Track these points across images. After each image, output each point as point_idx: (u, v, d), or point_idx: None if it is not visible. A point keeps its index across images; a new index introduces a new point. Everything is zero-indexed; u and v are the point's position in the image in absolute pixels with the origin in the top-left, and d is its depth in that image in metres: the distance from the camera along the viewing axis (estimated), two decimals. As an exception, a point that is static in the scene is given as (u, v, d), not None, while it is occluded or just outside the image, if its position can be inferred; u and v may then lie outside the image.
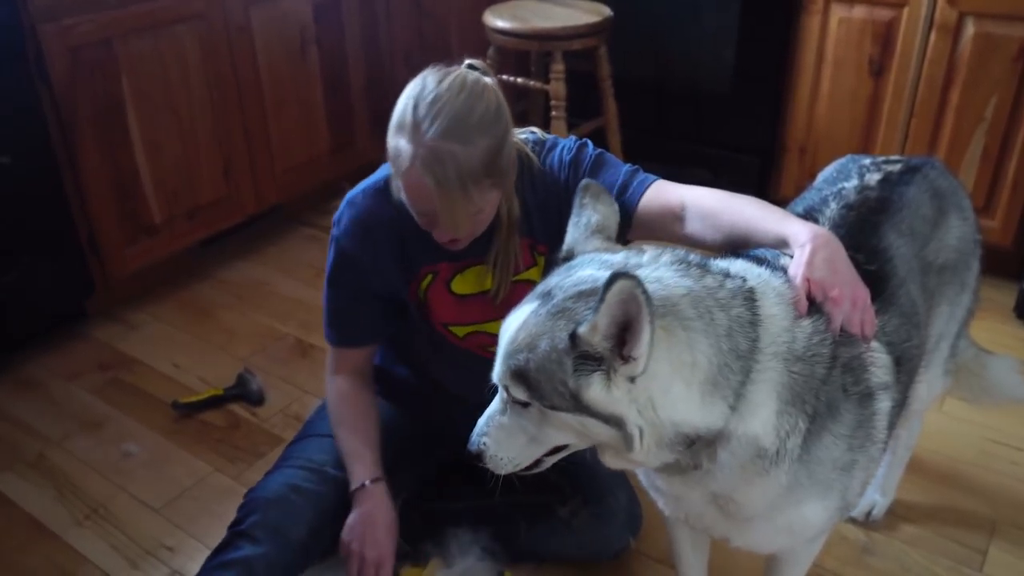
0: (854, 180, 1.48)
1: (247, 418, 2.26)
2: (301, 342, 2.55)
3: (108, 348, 2.54)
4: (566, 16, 2.75)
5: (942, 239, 1.47)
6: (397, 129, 1.36)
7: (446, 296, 1.59)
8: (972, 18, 2.47)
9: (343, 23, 3.06)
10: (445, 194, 1.33)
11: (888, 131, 2.71)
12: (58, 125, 2.35)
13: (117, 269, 2.59)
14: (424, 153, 1.31)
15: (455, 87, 1.34)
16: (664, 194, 1.48)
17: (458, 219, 1.37)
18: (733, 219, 1.38)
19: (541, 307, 1.08)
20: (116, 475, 2.07)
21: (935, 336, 1.53)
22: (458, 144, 1.31)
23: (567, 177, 1.54)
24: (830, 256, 1.22)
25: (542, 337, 1.05)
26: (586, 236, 1.22)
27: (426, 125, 1.31)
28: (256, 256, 3.02)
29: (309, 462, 1.63)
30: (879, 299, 1.26)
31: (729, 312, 1.09)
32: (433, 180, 1.32)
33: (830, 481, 1.18)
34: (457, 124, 1.32)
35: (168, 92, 2.57)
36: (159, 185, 2.63)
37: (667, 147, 3.13)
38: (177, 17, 2.54)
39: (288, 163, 3.01)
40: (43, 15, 2.23)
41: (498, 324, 1.58)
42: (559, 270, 1.15)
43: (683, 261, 1.14)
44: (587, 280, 1.08)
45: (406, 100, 1.36)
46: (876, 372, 1.21)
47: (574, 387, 1.03)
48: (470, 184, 1.34)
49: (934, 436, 2.08)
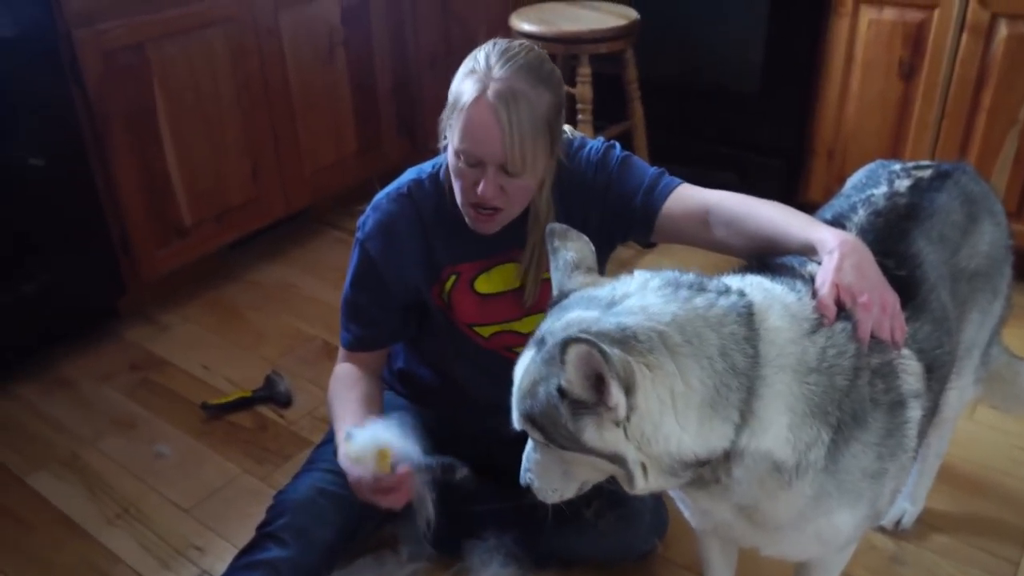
0: (883, 186, 1.47)
1: (275, 420, 2.28)
2: (328, 344, 2.57)
3: (139, 349, 2.58)
4: (593, 19, 2.74)
5: (974, 245, 1.45)
6: (466, 74, 1.36)
7: (470, 296, 1.60)
8: (1005, 19, 2.44)
9: (371, 26, 3.08)
10: (515, 129, 1.32)
11: (918, 134, 2.68)
12: (91, 128, 2.38)
13: (148, 270, 2.63)
14: (497, 87, 1.32)
15: (523, 46, 1.38)
16: (689, 198, 1.48)
17: (524, 159, 1.35)
18: (759, 225, 1.37)
19: (537, 354, 1.10)
20: (147, 475, 2.10)
21: (966, 343, 1.51)
22: (529, 86, 1.33)
23: (594, 176, 1.56)
24: (858, 262, 1.21)
25: (539, 384, 1.07)
26: (568, 275, 1.22)
27: (498, 66, 1.34)
28: (284, 258, 3.05)
29: (335, 465, 1.64)
30: (909, 305, 1.25)
31: (720, 331, 1.07)
32: (505, 112, 1.32)
33: (860, 490, 1.17)
34: (529, 69, 1.35)
35: (198, 95, 2.60)
36: (189, 187, 2.66)
37: (694, 150, 3.11)
38: (208, 21, 2.56)
39: (316, 165, 3.04)
40: (78, 20, 2.26)
41: (526, 322, 1.60)
42: (552, 313, 1.16)
43: (673, 284, 1.12)
44: (573, 323, 1.09)
45: (474, 56, 1.38)
46: (907, 379, 1.20)
47: (573, 430, 1.04)
48: (538, 128, 1.35)
49: (965, 444, 2.06)
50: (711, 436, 1.06)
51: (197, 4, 2.52)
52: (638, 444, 1.04)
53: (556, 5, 2.93)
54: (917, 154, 2.68)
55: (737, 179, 3.02)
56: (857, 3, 2.64)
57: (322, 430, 2.11)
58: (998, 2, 2.42)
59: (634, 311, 1.07)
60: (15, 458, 2.16)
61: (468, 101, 1.33)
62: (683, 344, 1.05)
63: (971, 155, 2.61)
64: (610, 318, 1.06)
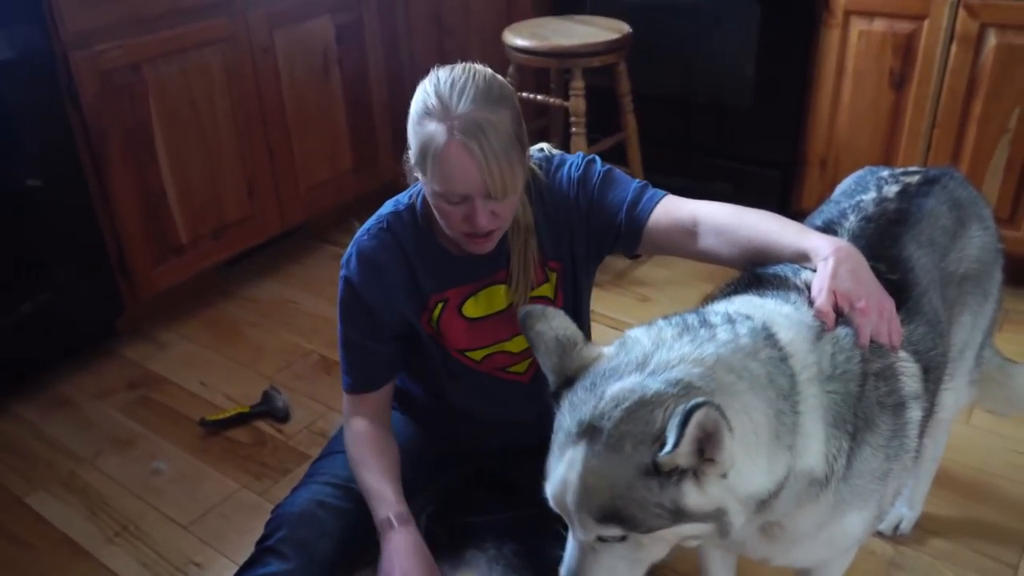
0: (872, 192, 1.49)
1: (273, 435, 2.28)
2: (326, 359, 2.57)
3: (137, 367, 2.58)
4: (585, 33, 2.76)
5: (963, 249, 1.47)
6: (422, 117, 1.36)
7: (459, 322, 1.60)
8: (994, 29, 2.46)
9: (365, 43, 3.10)
10: (490, 159, 1.32)
11: (910, 143, 2.70)
12: (88, 148, 2.40)
13: (145, 288, 2.63)
14: (461, 124, 1.32)
15: (466, 71, 1.38)
16: (675, 209, 1.48)
17: (505, 184, 1.35)
18: (750, 234, 1.38)
19: (594, 444, 1.00)
20: (146, 492, 2.10)
21: (959, 346, 1.53)
22: (490, 112, 1.33)
23: (576, 194, 1.55)
24: (853, 268, 1.22)
25: (616, 472, 0.98)
26: (563, 355, 1.13)
27: (455, 102, 1.33)
28: (280, 274, 3.06)
29: (335, 478, 1.65)
30: (903, 308, 1.26)
31: (759, 358, 1.07)
32: (477, 146, 1.32)
33: (869, 492, 1.18)
34: (484, 94, 1.34)
35: (194, 114, 2.62)
36: (186, 205, 2.67)
37: (688, 161, 3.13)
38: (203, 41, 2.58)
39: (311, 182, 3.05)
40: (75, 42, 2.28)
41: (516, 341, 1.61)
42: (576, 399, 1.06)
43: (686, 328, 1.11)
44: (627, 395, 1.01)
45: (424, 93, 1.38)
46: (907, 381, 1.21)
47: (670, 503, 0.98)
48: (510, 149, 1.35)
49: (962, 448, 2.07)
50: (777, 466, 1.05)
51: (192, 24, 2.54)
52: (735, 493, 1.01)
53: (549, 20, 2.95)
54: (909, 162, 2.70)
55: (732, 190, 3.04)
56: (847, 14, 2.67)
57: (320, 444, 2.11)
58: (987, 12, 2.44)
59: (674, 364, 1.04)
60: (14, 478, 2.16)
61: (439, 146, 1.33)
62: (737, 381, 1.04)
63: (962, 163, 2.63)
64: (657, 378, 1.02)
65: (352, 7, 3.02)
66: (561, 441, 1.05)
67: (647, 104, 2.97)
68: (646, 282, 2.88)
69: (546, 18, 3.00)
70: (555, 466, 1.04)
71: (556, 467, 1.04)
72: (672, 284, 2.83)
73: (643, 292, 2.83)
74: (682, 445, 0.94)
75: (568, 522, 1.07)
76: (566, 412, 1.06)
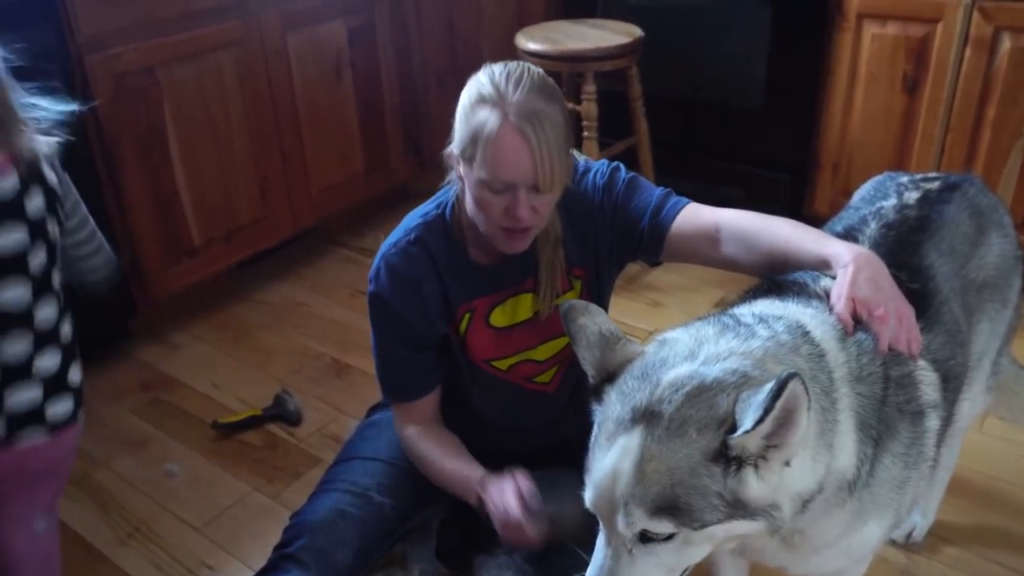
0: (892, 199, 1.48)
1: (284, 438, 2.29)
2: (337, 362, 2.58)
3: (150, 368, 2.59)
4: (597, 37, 2.76)
5: (983, 257, 1.46)
6: (475, 103, 1.36)
7: (486, 331, 1.60)
8: (1008, 33, 2.45)
9: (377, 46, 3.11)
10: (543, 147, 1.33)
11: (923, 147, 2.69)
12: (101, 149, 2.41)
13: (158, 290, 2.64)
14: (516, 110, 1.32)
15: (520, 66, 1.39)
16: (698, 216, 1.49)
17: (554, 175, 1.36)
18: (772, 241, 1.38)
19: (652, 430, 0.98)
20: (158, 494, 2.11)
21: (977, 354, 1.52)
22: (544, 102, 1.34)
23: (601, 199, 1.56)
24: (873, 275, 1.22)
25: (678, 457, 0.96)
26: (610, 349, 1.12)
27: (511, 90, 1.34)
28: (292, 277, 3.06)
29: (354, 486, 1.65)
30: (923, 317, 1.26)
31: (801, 354, 1.07)
32: (532, 132, 1.32)
33: (888, 501, 1.18)
34: (539, 86, 1.36)
35: (207, 116, 2.63)
36: (198, 207, 2.68)
37: (699, 165, 3.13)
38: (217, 44, 2.59)
39: (323, 184, 3.06)
40: (90, 45, 2.30)
41: (541, 349, 1.61)
42: (627, 388, 1.04)
43: (726, 327, 1.10)
44: (685, 381, 1.00)
45: (478, 83, 1.38)
46: (926, 390, 1.21)
47: (730, 493, 0.96)
48: (562, 142, 1.36)
49: (975, 456, 2.06)
50: (819, 465, 1.04)
51: (206, 27, 2.55)
52: (788, 485, 1.00)
53: (561, 24, 2.95)
54: (922, 167, 2.69)
55: (743, 193, 3.04)
56: (860, 17, 2.66)
57: (332, 448, 2.12)
58: (1001, 16, 2.43)
59: (724, 356, 1.03)
60: (28, 478, 2.17)
61: (492, 129, 1.32)
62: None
63: (976, 168, 2.61)
64: (713, 367, 1.01)
65: (364, 10, 3.03)
66: (610, 430, 1.01)
67: (658, 107, 2.97)
68: (658, 287, 2.87)
69: (558, 22, 3.00)
70: (602, 457, 1.01)
71: (604, 457, 1.00)
72: (684, 290, 2.82)
73: (655, 297, 2.83)
74: (766, 423, 0.92)
75: (605, 522, 1.04)
76: (615, 402, 1.04)
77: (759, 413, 0.92)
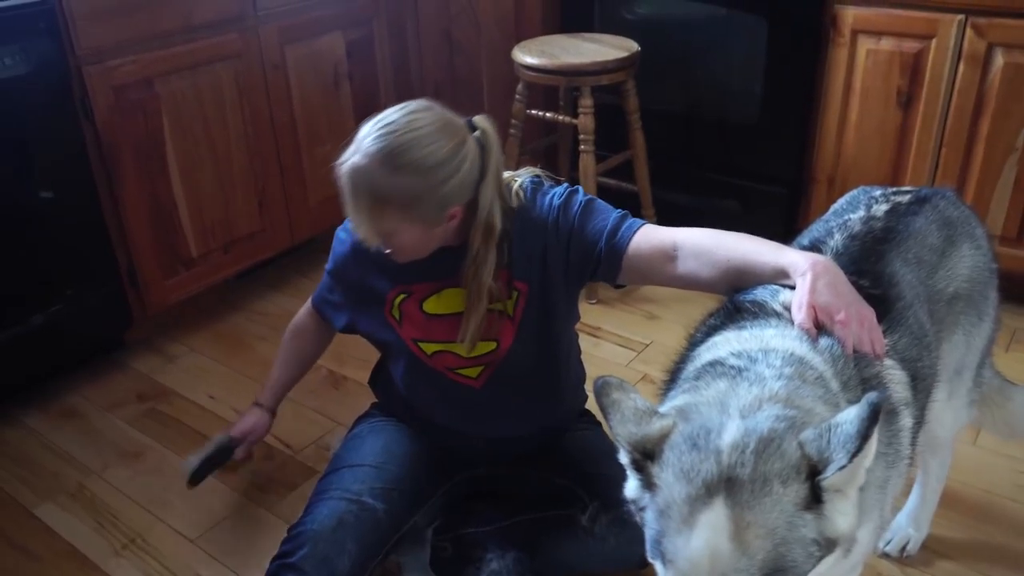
0: (861, 211, 1.50)
1: (280, 450, 2.29)
2: (333, 374, 2.58)
3: (146, 379, 2.59)
4: (594, 52, 2.78)
5: (952, 268, 1.47)
6: (354, 138, 1.50)
7: (417, 314, 1.66)
8: (1001, 49, 2.47)
9: (375, 59, 3.13)
10: (351, 202, 1.47)
11: (918, 161, 2.70)
12: (100, 161, 2.42)
13: (156, 301, 2.65)
14: (352, 162, 1.45)
15: (412, 124, 1.45)
16: (655, 236, 1.52)
17: (361, 228, 1.50)
18: (729, 255, 1.40)
19: (736, 497, 0.93)
20: (153, 505, 2.11)
21: (954, 365, 1.53)
22: (382, 168, 1.43)
23: (555, 218, 1.59)
24: (831, 280, 1.25)
25: (773, 516, 0.92)
26: (645, 424, 1.05)
27: (367, 142, 1.45)
28: (289, 288, 3.07)
29: (347, 492, 1.66)
30: (886, 319, 1.28)
31: (808, 380, 1.08)
32: (349, 186, 1.46)
33: (874, 502, 1.19)
34: (389, 153, 1.43)
35: (206, 128, 2.64)
36: (196, 219, 2.69)
37: (695, 178, 3.14)
38: (215, 56, 2.61)
39: (321, 196, 3.06)
40: (89, 57, 2.31)
41: (465, 345, 1.62)
42: (685, 465, 0.97)
43: (732, 377, 1.09)
44: (745, 440, 0.97)
45: (371, 119, 1.50)
46: (896, 388, 1.23)
47: (822, 535, 0.95)
48: (374, 206, 1.46)
49: (969, 470, 2.06)
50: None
51: (205, 40, 2.57)
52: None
53: (558, 38, 2.97)
54: (916, 181, 2.70)
55: (739, 207, 3.05)
56: (855, 33, 2.68)
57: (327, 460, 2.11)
58: (994, 32, 2.46)
59: (756, 405, 1.02)
60: (23, 490, 2.17)
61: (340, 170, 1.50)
62: (815, 405, 1.05)
63: (970, 182, 2.63)
64: (757, 419, 0.99)
65: (363, 23, 3.05)
66: (684, 512, 0.95)
67: (655, 121, 2.98)
68: (653, 299, 2.88)
69: (555, 36, 3.02)
70: (686, 542, 0.94)
71: (690, 541, 0.93)
72: (679, 301, 2.82)
73: (650, 309, 2.84)
74: (863, 452, 0.91)
75: None
76: (676, 481, 0.97)
77: (855, 444, 0.91)
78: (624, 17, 3.10)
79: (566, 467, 1.78)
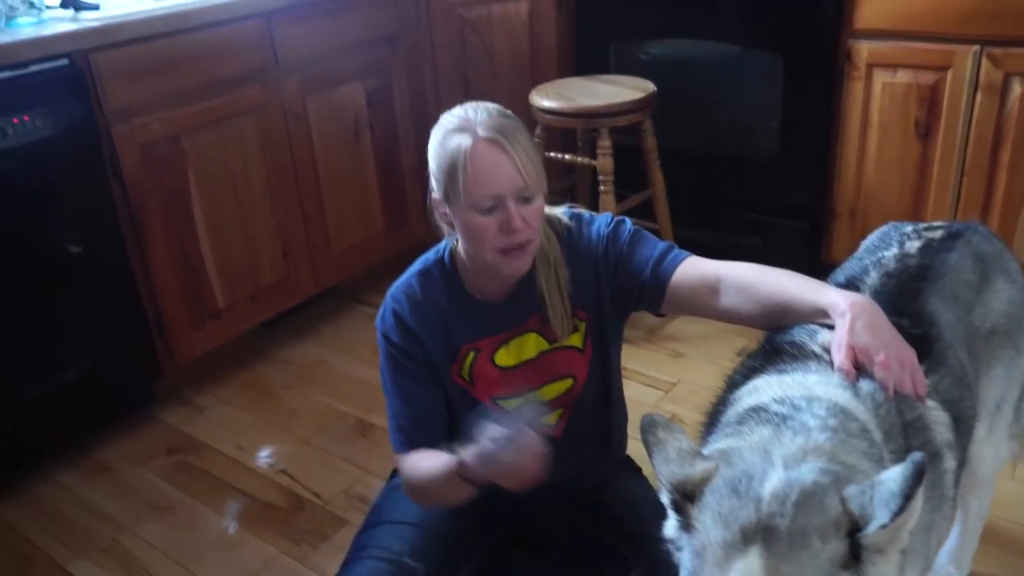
0: (894, 248, 1.50)
1: (310, 500, 2.29)
2: (361, 421, 2.59)
3: (175, 431, 2.61)
4: (611, 93, 2.81)
5: (988, 303, 1.46)
6: (444, 139, 1.44)
7: (492, 371, 1.61)
8: (1018, 78, 2.47)
9: (395, 106, 3.18)
10: (519, 151, 1.40)
11: (939, 193, 2.70)
12: (128, 216, 2.46)
13: (183, 352, 2.67)
14: (484, 127, 1.41)
15: (476, 102, 1.49)
16: (699, 267, 1.52)
17: (537, 176, 1.43)
18: (771, 291, 1.40)
19: (772, 547, 0.91)
20: (186, 559, 2.11)
21: (995, 400, 1.52)
22: (508, 118, 1.44)
23: (605, 248, 1.59)
24: (871, 321, 1.23)
25: (808, 570, 0.91)
26: (687, 465, 1.04)
27: (475, 115, 1.43)
28: (315, 336, 3.09)
29: (387, 552, 1.63)
30: (927, 360, 1.26)
31: (852, 433, 1.07)
32: (505, 140, 1.40)
33: (919, 547, 1.17)
34: (500, 112, 1.45)
35: (231, 180, 2.68)
36: (222, 270, 2.72)
37: (716, 215, 3.15)
38: (239, 110, 2.66)
39: (344, 244, 3.10)
40: (117, 116, 2.36)
41: (548, 389, 1.61)
42: (724, 510, 0.96)
43: (776, 425, 1.09)
44: (787, 490, 0.95)
45: (441, 124, 1.47)
46: (939, 430, 1.21)
47: None
48: (533, 147, 1.44)
49: (1008, 504, 2.03)
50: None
51: (229, 95, 2.62)
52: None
53: (574, 80, 3.01)
54: (939, 212, 2.70)
55: (761, 242, 3.05)
56: (870, 67, 2.69)
57: (358, 509, 2.12)
58: (1010, 62, 2.46)
59: (800, 456, 1.01)
60: (56, 545, 2.18)
61: (467, 149, 1.40)
62: (859, 459, 1.04)
63: (993, 212, 2.62)
64: (801, 471, 0.98)
65: (382, 71, 3.10)
66: (719, 557, 0.93)
67: (673, 159, 3.00)
68: (679, 337, 2.87)
69: (571, 79, 3.05)
70: None
71: None
72: (705, 339, 2.82)
73: (676, 348, 2.83)
74: (906, 511, 0.90)
75: None
76: (714, 525, 0.96)
77: (899, 503, 0.90)
78: (639, 58, 3.14)
79: (612, 522, 1.72)
